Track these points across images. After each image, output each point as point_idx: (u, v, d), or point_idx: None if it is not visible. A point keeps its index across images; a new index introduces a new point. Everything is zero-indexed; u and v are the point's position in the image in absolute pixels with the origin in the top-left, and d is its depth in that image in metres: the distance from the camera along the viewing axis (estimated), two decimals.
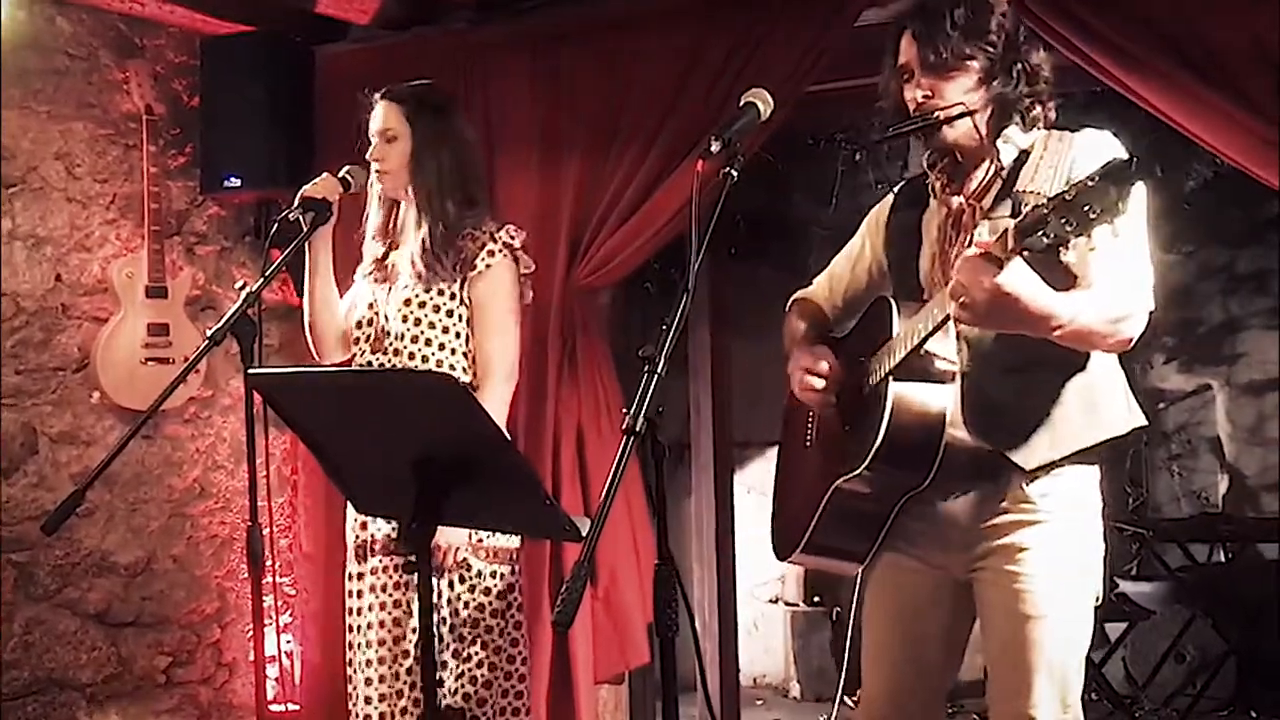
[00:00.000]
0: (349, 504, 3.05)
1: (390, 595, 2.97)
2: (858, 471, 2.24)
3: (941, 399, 2.20)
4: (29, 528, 3.61)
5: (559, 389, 3.56)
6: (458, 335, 3.00)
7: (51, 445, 3.74)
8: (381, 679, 2.95)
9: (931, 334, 2.16)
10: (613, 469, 1.83)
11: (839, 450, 2.37)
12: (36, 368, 3.71)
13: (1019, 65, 2.26)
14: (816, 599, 5.20)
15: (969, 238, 2.22)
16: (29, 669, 3.65)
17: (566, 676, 3.52)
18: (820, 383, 2.40)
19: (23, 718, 3.62)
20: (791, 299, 2.72)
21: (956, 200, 2.33)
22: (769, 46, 3.29)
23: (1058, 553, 2.24)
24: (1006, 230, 1.95)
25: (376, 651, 2.95)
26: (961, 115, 2.27)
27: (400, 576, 2.96)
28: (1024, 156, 2.28)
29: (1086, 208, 1.83)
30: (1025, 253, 1.93)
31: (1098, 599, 2.29)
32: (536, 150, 3.66)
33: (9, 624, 3.60)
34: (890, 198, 2.58)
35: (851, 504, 2.35)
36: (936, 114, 2.27)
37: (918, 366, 2.20)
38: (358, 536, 3.02)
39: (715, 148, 2.18)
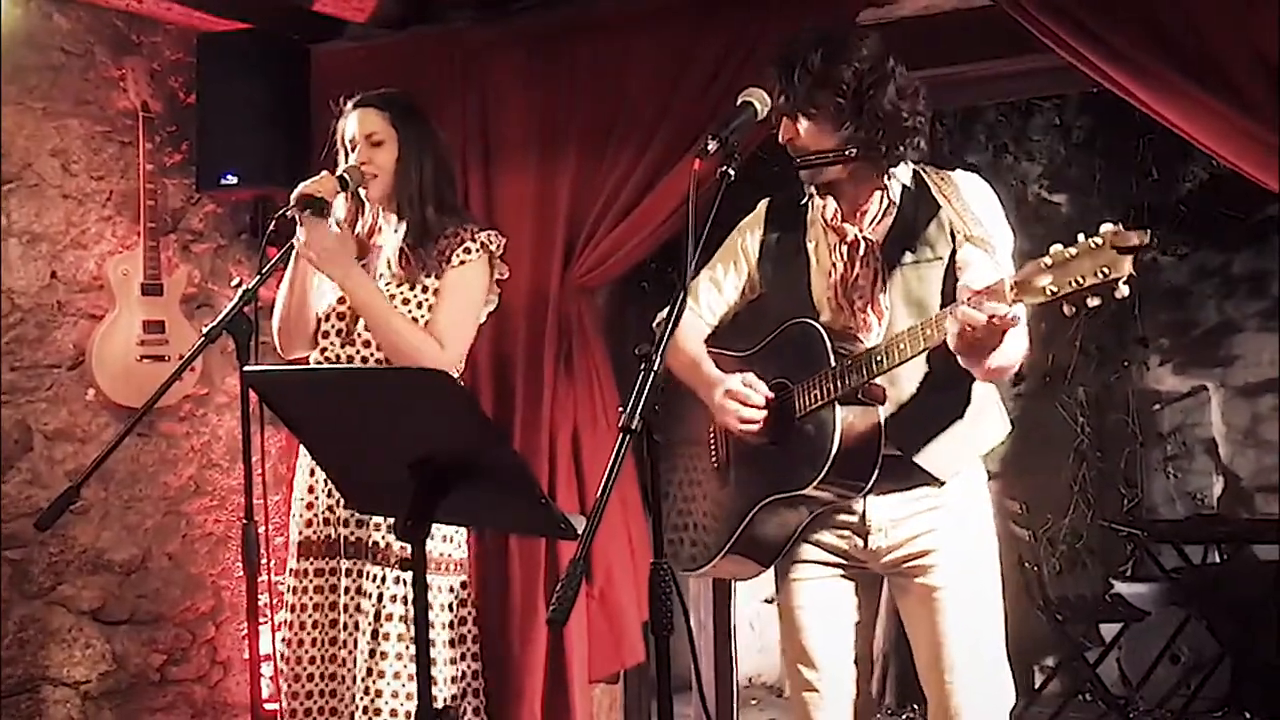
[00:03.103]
0: (293, 502, 3.09)
1: (326, 597, 3.01)
2: (803, 491, 2.35)
3: (878, 417, 2.33)
4: (23, 524, 3.60)
5: (555, 387, 3.56)
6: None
7: (46, 442, 3.73)
8: (310, 678, 3.02)
9: (906, 361, 2.26)
10: (608, 467, 1.84)
11: (767, 468, 2.45)
12: (31, 365, 3.71)
13: (870, 111, 2.34)
14: None
15: (873, 273, 2.39)
16: (23, 666, 3.65)
17: (561, 675, 3.52)
18: (759, 416, 2.42)
19: (17, 715, 3.61)
20: (658, 326, 2.62)
21: (852, 231, 2.43)
22: (764, 46, 3.28)
23: (960, 533, 2.42)
24: (1003, 280, 2.06)
25: (322, 651, 3.01)
26: (867, 157, 2.38)
27: (344, 580, 2.99)
28: (908, 192, 2.42)
29: (1099, 270, 1.92)
30: (1021, 301, 2.04)
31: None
32: (533, 149, 3.66)
33: (3, 621, 3.60)
34: (759, 214, 2.63)
35: (773, 516, 2.46)
36: (850, 150, 2.37)
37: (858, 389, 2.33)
38: (301, 533, 3.05)
39: (712, 147, 2.21)
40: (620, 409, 1.91)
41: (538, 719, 3.51)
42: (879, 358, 2.27)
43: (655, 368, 1.94)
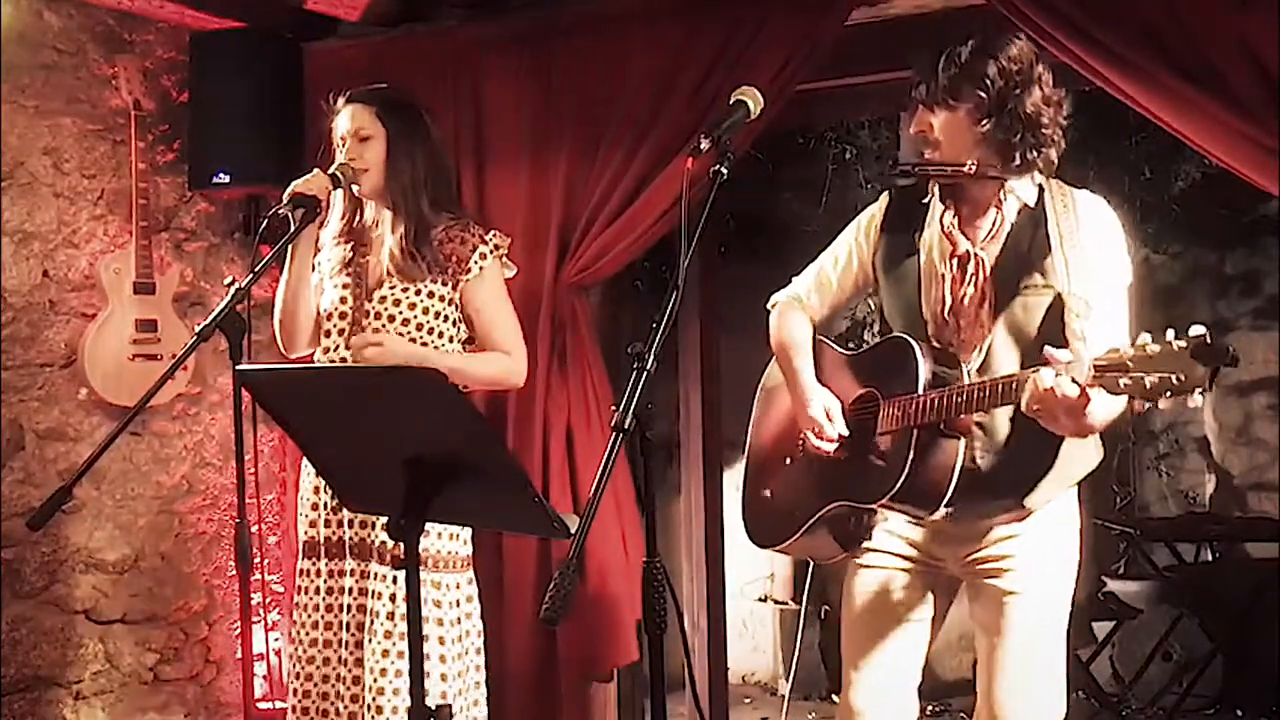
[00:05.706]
0: (299, 502, 3.09)
1: (336, 599, 3.00)
2: (868, 507, 2.39)
3: (957, 450, 2.29)
4: (15, 524, 3.60)
5: (548, 386, 3.55)
6: (440, 335, 3.03)
7: (39, 441, 3.72)
8: (323, 679, 3.00)
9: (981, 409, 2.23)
10: (602, 466, 1.84)
11: (839, 475, 2.48)
12: (24, 364, 3.70)
13: (1013, 111, 2.29)
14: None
15: (980, 294, 2.33)
16: (15, 666, 3.64)
17: (553, 674, 3.51)
18: (830, 447, 2.47)
19: (9, 715, 3.61)
20: (775, 303, 2.74)
21: (964, 244, 2.38)
22: (758, 44, 3.28)
23: (1042, 542, 2.39)
24: (1086, 363, 2.00)
25: (320, 651, 3.00)
26: (985, 176, 2.33)
27: (348, 580, 2.99)
28: (1027, 211, 2.35)
29: (1174, 376, 1.89)
30: (1097, 387, 1.99)
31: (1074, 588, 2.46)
32: (526, 147, 3.65)
33: None
34: (881, 206, 2.59)
35: (846, 515, 2.48)
36: (970, 164, 2.32)
37: None
38: (307, 534, 3.05)
39: (705, 146, 2.20)
40: (614, 408, 1.91)
41: (531, 717, 3.51)
42: (959, 400, 2.23)
43: (648, 368, 1.94)
